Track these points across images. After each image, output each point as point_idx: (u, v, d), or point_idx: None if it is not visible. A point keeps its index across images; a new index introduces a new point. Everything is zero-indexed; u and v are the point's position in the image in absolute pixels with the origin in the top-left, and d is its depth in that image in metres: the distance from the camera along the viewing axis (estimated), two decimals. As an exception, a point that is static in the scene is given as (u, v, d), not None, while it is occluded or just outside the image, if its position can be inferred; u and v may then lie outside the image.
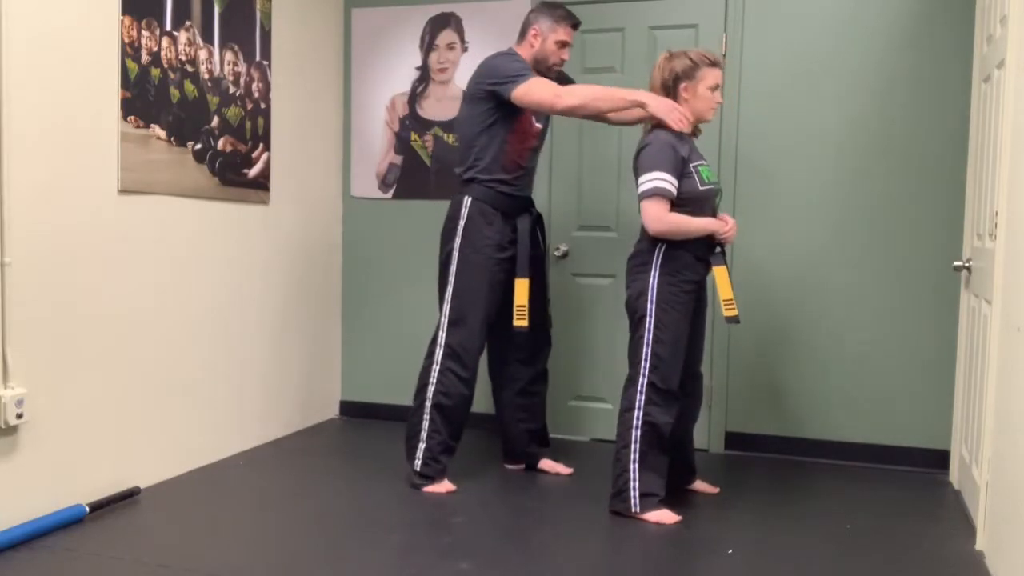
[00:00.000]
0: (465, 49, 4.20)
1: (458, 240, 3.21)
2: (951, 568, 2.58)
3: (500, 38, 4.11)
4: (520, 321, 3.21)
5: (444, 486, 3.22)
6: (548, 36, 3.23)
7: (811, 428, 3.81)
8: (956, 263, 3.29)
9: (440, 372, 3.17)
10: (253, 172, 3.73)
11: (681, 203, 2.90)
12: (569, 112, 3.06)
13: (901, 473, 3.62)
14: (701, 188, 2.90)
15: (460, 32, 4.20)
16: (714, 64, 2.93)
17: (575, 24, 3.27)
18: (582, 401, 4.10)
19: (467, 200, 3.22)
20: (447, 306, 3.21)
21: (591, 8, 3.99)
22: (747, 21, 3.80)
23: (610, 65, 3.98)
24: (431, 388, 3.18)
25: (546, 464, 3.53)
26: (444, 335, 3.19)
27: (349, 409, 4.49)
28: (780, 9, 3.76)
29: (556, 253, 4.06)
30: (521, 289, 3.22)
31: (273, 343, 3.94)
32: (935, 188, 3.61)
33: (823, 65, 3.70)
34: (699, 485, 3.27)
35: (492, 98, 3.16)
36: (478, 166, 3.22)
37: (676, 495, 3.18)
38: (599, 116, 3.19)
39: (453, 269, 3.21)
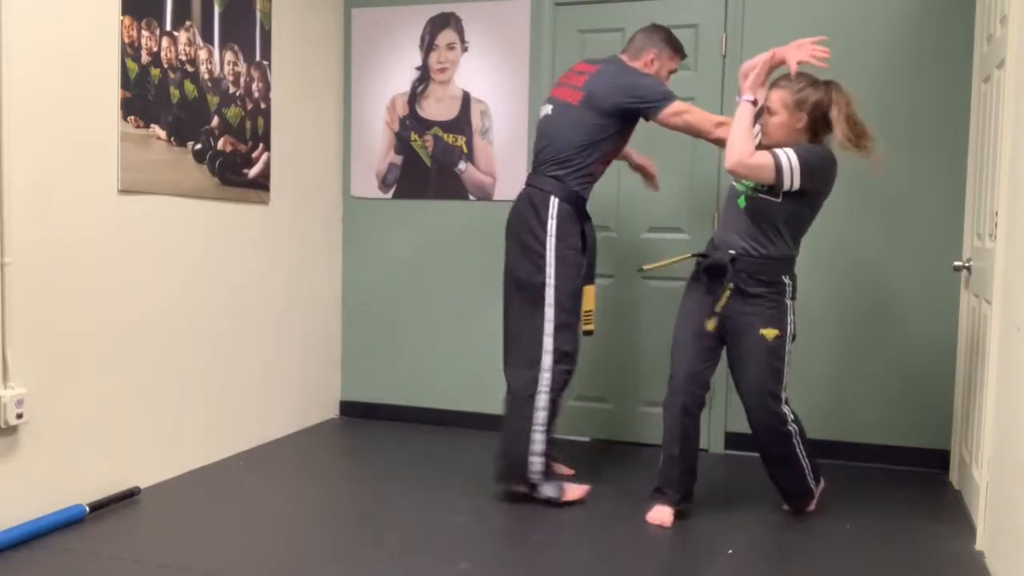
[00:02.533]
0: (465, 49, 4.20)
1: (552, 240, 3.06)
2: (951, 568, 2.58)
3: (500, 38, 4.11)
4: (589, 326, 3.18)
5: (578, 491, 3.15)
6: (666, 64, 3.20)
7: (811, 428, 3.79)
8: (956, 263, 3.29)
9: (552, 379, 3.05)
10: (253, 172, 3.73)
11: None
12: (715, 143, 3.08)
13: (901, 473, 3.62)
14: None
15: (460, 32, 4.20)
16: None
17: (684, 57, 3.30)
18: (582, 401, 4.10)
19: (555, 200, 3.08)
20: (551, 310, 3.05)
21: (591, 8, 3.99)
22: (747, 21, 3.80)
23: (610, 65, 3.98)
24: (544, 396, 3.05)
25: (561, 469, 3.49)
26: (552, 340, 3.05)
27: (349, 409, 4.49)
28: (780, 9, 3.76)
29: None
30: (589, 295, 3.19)
31: (273, 343, 3.94)
32: (935, 188, 3.61)
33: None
34: None
35: (622, 115, 3.09)
36: (574, 171, 3.10)
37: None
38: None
39: (551, 271, 3.05)
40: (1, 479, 2.62)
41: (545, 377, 3.05)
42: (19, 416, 2.62)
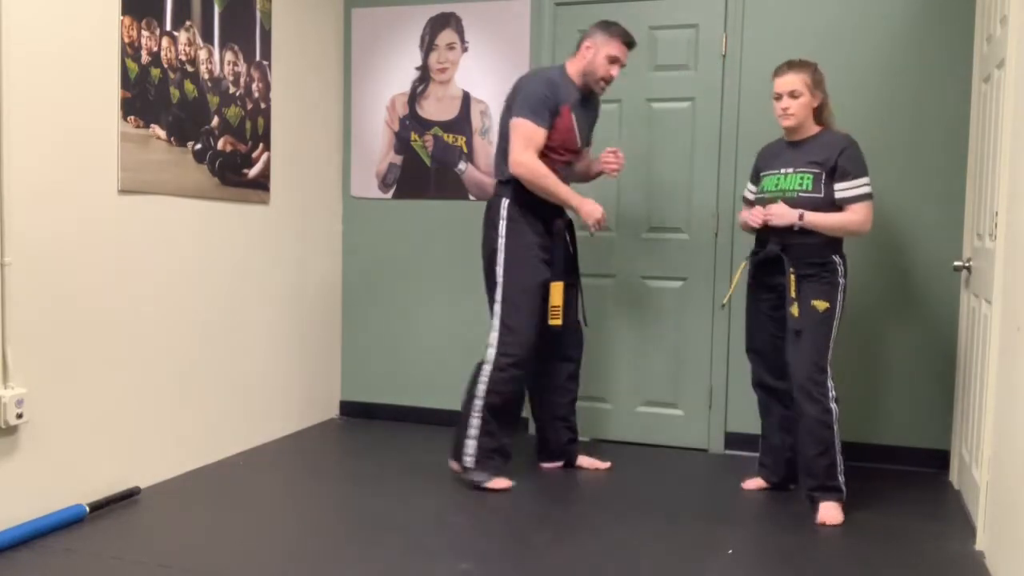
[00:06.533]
0: (465, 49, 4.20)
1: (502, 242, 3.24)
2: (951, 568, 2.58)
3: (500, 38, 4.11)
4: (554, 320, 3.27)
5: (501, 483, 3.26)
6: (600, 49, 3.26)
7: (811, 428, 3.80)
8: (956, 263, 3.29)
9: (492, 376, 3.20)
10: (253, 172, 3.73)
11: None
12: (515, 174, 3.19)
13: (901, 473, 3.62)
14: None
15: (460, 32, 4.20)
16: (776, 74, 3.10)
17: (629, 43, 3.29)
18: (583, 401, 4.09)
19: (505, 202, 3.26)
20: (498, 307, 3.24)
21: (591, 8, 3.99)
22: (747, 21, 3.80)
23: (610, 65, 3.98)
24: (483, 387, 3.21)
25: (584, 461, 3.59)
26: (497, 336, 3.22)
27: (349, 409, 4.49)
28: (780, 9, 3.76)
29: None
30: (556, 291, 3.28)
31: (273, 343, 3.94)
32: (935, 188, 3.61)
33: (823, 65, 3.69)
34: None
35: None
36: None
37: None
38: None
39: (500, 272, 3.24)
40: (1, 479, 2.62)
41: (486, 369, 3.22)
42: (19, 416, 2.62)
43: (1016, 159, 2.47)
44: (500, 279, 3.24)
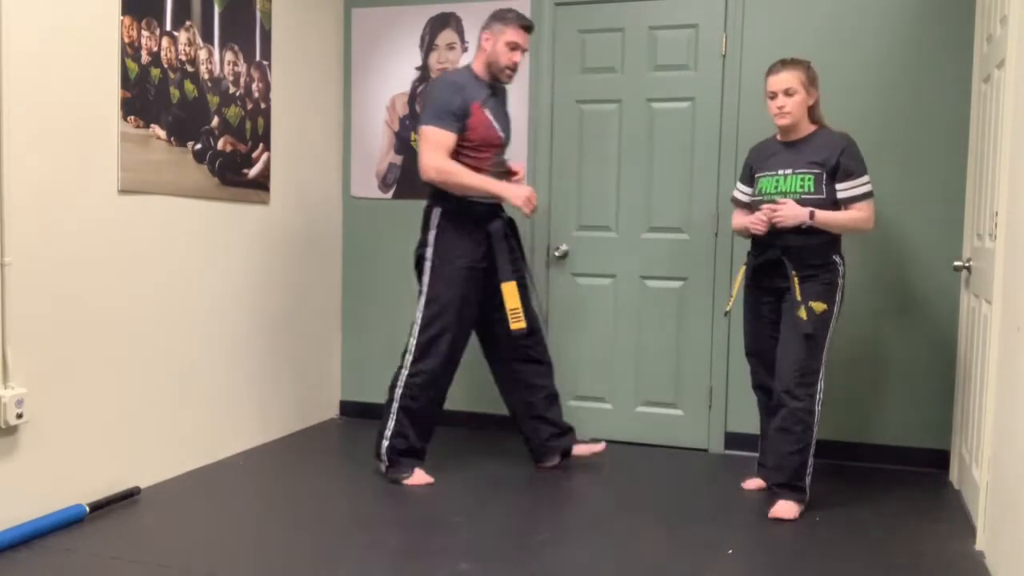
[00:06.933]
0: (465, 49, 4.20)
1: (429, 251, 3.28)
2: (951, 568, 2.59)
3: (500, 38, 4.10)
4: (517, 324, 3.26)
5: (421, 478, 3.31)
6: (498, 38, 3.25)
7: (811, 428, 3.80)
8: (956, 263, 3.29)
9: (407, 382, 3.27)
10: (253, 172, 3.73)
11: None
12: (427, 179, 3.21)
13: (901, 473, 3.62)
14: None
15: (460, 32, 4.20)
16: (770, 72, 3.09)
17: (526, 26, 3.28)
18: (582, 401, 4.10)
19: (436, 212, 3.28)
20: (419, 315, 3.27)
21: (591, 8, 3.99)
22: (747, 21, 3.80)
23: (610, 65, 3.98)
24: (399, 391, 3.28)
25: (579, 449, 3.57)
26: (414, 343, 3.26)
27: (349, 409, 4.49)
28: (780, 9, 3.76)
29: (556, 253, 4.07)
30: (510, 292, 3.27)
31: (273, 343, 3.94)
32: (935, 188, 3.61)
33: (823, 65, 3.70)
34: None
35: None
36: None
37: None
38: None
39: (425, 281, 3.29)
40: (1, 479, 2.62)
41: (403, 375, 3.27)
42: (19, 416, 2.62)
43: (1016, 159, 2.47)
44: (424, 288, 3.28)
